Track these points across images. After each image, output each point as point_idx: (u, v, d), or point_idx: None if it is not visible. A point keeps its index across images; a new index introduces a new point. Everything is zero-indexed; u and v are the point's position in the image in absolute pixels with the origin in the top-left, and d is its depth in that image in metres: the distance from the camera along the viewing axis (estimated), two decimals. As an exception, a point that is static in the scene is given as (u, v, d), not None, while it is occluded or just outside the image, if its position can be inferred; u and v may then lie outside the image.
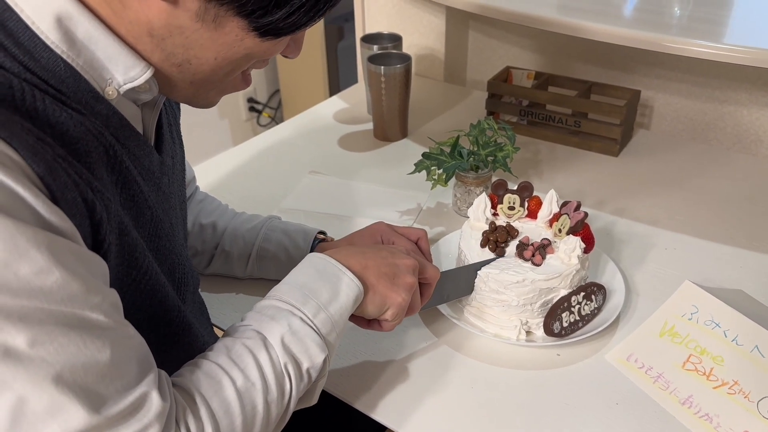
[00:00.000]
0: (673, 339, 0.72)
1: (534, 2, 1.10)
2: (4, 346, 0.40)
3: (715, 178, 1.07)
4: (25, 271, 0.40)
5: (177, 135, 0.68)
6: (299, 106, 2.59)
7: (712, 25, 1.02)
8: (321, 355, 0.57)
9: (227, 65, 0.51)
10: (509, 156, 0.94)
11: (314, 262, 0.62)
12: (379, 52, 1.18)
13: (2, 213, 0.39)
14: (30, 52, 0.45)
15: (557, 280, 0.74)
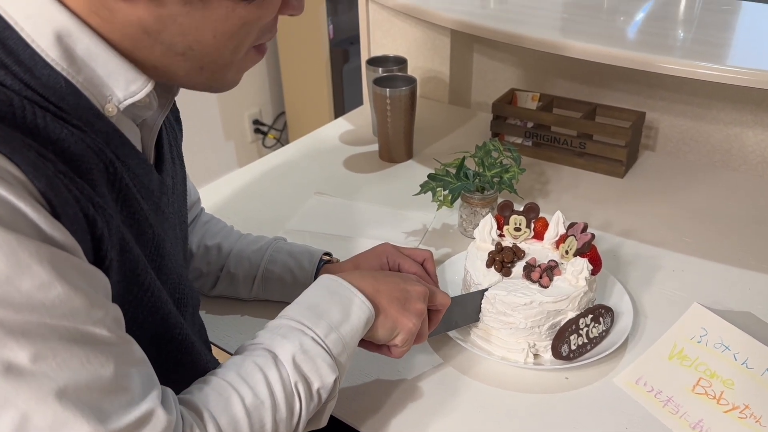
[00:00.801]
0: (683, 362, 0.72)
1: (537, 25, 1.11)
2: (7, 362, 0.39)
3: (721, 200, 1.06)
4: (27, 286, 0.40)
5: (178, 156, 0.68)
6: (304, 127, 2.60)
7: (715, 47, 1.03)
8: (332, 376, 0.57)
9: (229, 41, 0.50)
10: (515, 177, 0.94)
11: (326, 284, 0.63)
12: (384, 74, 1.19)
13: (4, 228, 0.39)
14: (30, 69, 0.45)
15: (565, 303, 0.73)
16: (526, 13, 1.18)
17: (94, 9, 0.46)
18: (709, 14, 1.19)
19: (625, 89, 1.21)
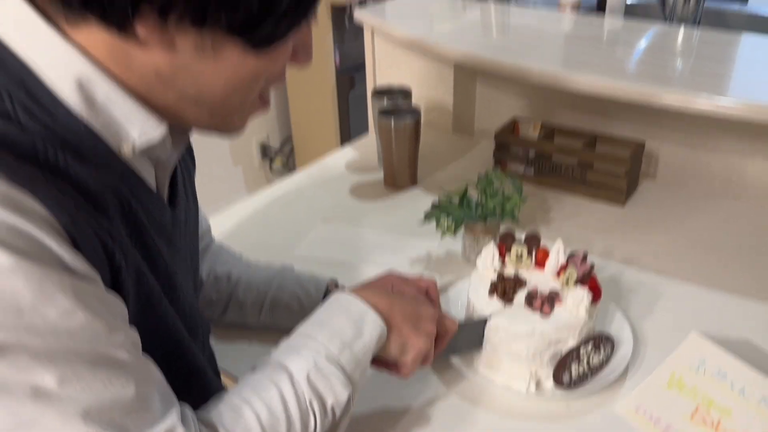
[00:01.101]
0: (681, 390, 0.73)
1: (539, 58, 1.14)
2: (35, 386, 0.42)
3: (721, 228, 1.08)
4: (52, 314, 0.42)
5: (191, 191, 0.71)
6: (311, 152, 2.64)
7: (713, 78, 1.05)
8: (345, 393, 0.59)
9: (239, 89, 0.53)
10: (517, 206, 0.97)
11: (340, 301, 0.65)
12: (389, 105, 1.22)
13: (30, 260, 0.42)
14: (52, 114, 0.48)
15: (566, 331, 0.75)
16: (527, 45, 1.22)
17: (112, 56, 0.49)
18: (707, 46, 1.22)
19: (626, 118, 1.23)
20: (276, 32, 0.50)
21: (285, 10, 0.48)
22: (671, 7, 1.37)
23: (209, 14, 0.46)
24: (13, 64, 0.48)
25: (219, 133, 0.58)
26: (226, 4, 0.45)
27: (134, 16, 0.45)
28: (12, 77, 0.47)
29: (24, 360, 0.42)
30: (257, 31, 0.48)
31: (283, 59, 0.54)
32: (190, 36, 0.47)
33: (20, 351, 0.41)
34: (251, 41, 0.49)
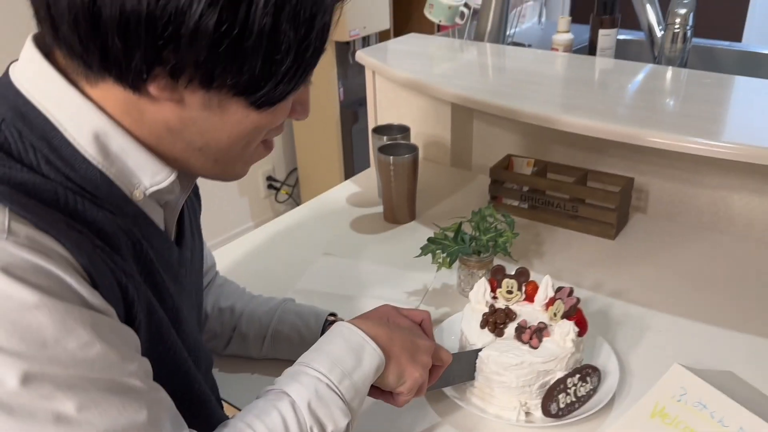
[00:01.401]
0: (664, 420, 0.76)
1: (531, 99, 1.19)
2: (57, 412, 0.46)
3: (708, 261, 1.12)
4: (72, 346, 0.47)
5: (197, 230, 0.76)
6: (316, 183, 2.70)
7: (698, 120, 1.10)
8: (345, 420, 0.62)
9: (241, 140, 0.58)
10: (509, 242, 1.01)
11: (342, 332, 0.69)
12: (388, 142, 1.27)
13: (53, 297, 0.46)
14: (71, 164, 0.53)
15: (553, 363, 0.79)
16: (520, 86, 1.27)
17: (126, 111, 0.54)
18: (693, 86, 1.27)
19: (616, 154, 1.28)
20: (276, 94, 0.54)
21: (284, 75, 0.53)
22: (660, 47, 1.43)
23: (216, 77, 0.51)
24: (37, 119, 0.53)
25: (223, 178, 0.63)
26: (231, 69, 0.51)
27: (148, 77, 0.50)
28: (36, 131, 0.52)
29: (47, 388, 0.46)
30: (259, 93, 0.53)
31: (283, 115, 0.59)
32: (198, 94, 0.53)
33: (44, 380, 0.46)
34: (253, 101, 0.54)
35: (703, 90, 1.24)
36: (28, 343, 0.45)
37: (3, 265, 0.45)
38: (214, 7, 0.46)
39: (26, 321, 0.45)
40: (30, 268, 0.46)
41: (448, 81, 1.28)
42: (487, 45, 1.56)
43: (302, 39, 0.51)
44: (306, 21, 0.51)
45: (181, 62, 0.49)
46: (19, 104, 0.53)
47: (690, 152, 1.01)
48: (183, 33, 0.47)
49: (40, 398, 0.46)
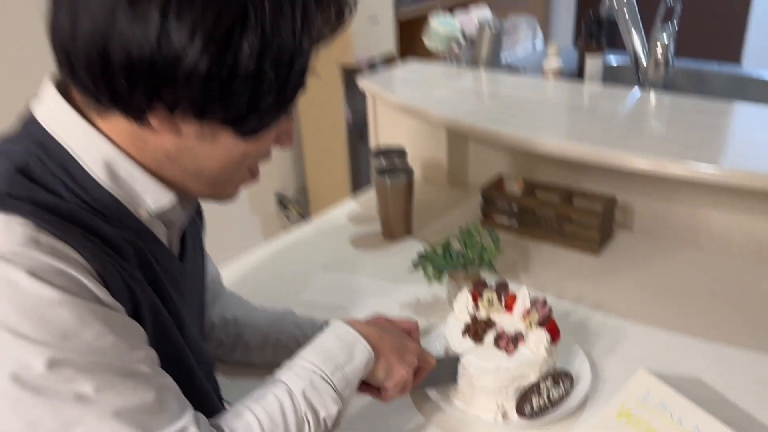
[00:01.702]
0: (628, 420, 0.83)
1: (514, 124, 1.27)
2: (77, 392, 0.55)
3: (685, 275, 1.18)
4: (89, 336, 0.55)
5: (199, 247, 0.84)
6: (325, 201, 2.79)
7: (674, 144, 1.17)
8: (336, 407, 0.70)
9: (230, 166, 0.66)
10: (494, 257, 1.08)
11: (336, 330, 0.77)
12: (386, 165, 1.36)
13: (72, 295, 0.55)
14: (85, 188, 0.62)
15: (527, 368, 0.86)
16: (508, 111, 1.36)
17: (131, 140, 0.63)
18: (673, 112, 1.34)
19: (602, 174, 1.35)
20: (260, 125, 0.63)
21: (267, 109, 0.61)
22: (643, 71, 1.50)
23: (208, 111, 0.60)
24: (56, 149, 0.62)
25: (215, 200, 0.72)
26: (221, 105, 0.59)
27: (149, 111, 0.59)
28: (55, 160, 0.62)
29: (69, 372, 0.54)
30: (244, 124, 0.62)
31: (268, 143, 0.68)
32: (193, 126, 0.61)
33: (66, 365, 0.54)
34: (240, 131, 0.63)
35: (682, 115, 1.32)
36: (52, 334, 0.54)
37: (29, 268, 0.54)
38: (205, 54, 0.55)
39: (50, 315, 0.54)
40: (52, 271, 0.55)
41: (439, 106, 1.37)
42: (482, 71, 1.64)
43: (282, 79, 0.60)
44: (286, 64, 0.59)
45: (177, 99, 0.58)
46: (42, 137, 0.62)
47: (667, 175, 1.08)
48: (179, 75, 0.56)
49: (64, 381, 0.54)
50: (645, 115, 1.35)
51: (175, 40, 0.54)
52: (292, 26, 0.58)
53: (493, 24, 1.60)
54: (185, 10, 0.54)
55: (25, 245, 0.54)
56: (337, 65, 2.56)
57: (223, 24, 0.55)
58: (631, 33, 1.51)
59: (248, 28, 0.56)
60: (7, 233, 0.54)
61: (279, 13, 0.57)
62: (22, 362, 0.53)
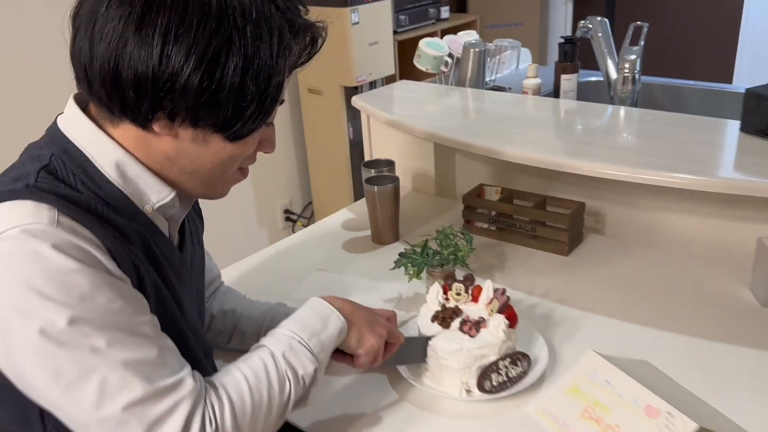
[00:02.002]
0: (576, 394, 0.93)
1: (486, 136, 1.39)
2: (92, 345, 0.66)
3: (645, 273, 1.28)
4: (101, 300, 0.67)
5: (198, 242, 0.97)
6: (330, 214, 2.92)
7: (642, 155, 1.28)
8: (312, 366, 0.81)
9: (221, 166, 0.78)
10: (466, 255, 1.20)
11: (313, 304, 0.88)
12: (374, 174, 1.48)
13: (87, 266, 0.67)
14: (99, 185, 0.75)
15: (487, 349, 0.97)
16: (486, 126, 1.48)
17: (138, 144, 0.76)
18: (638, 124, 1.45)
19: (573, 182, 1.46)
20: (245, 130, 0.76)
21: (250, 117, 0.74)
22: (614, 88, 1.62)
23: (201, 118, 0.72)
24: (76, 153, 0.75)
25: (208, 197, 0.84)
26: (211, 113, 0.72)
27: (153, 118, 0.72)
28: (75, 162, 0.75)
29: (86, 329, 0.66)
30: (231, 130, 0.75)
31: (252, 148, 0.80)
32: (189, 131, 0.74)
33: (83, 323, 0.66)
34: (228, 136, 0.75)
35: (646, 126, 1.43)
36: (72, 296, 0.66)
37: (53, 243, 0.66)
38: (197, 71, 0.68)
39: (70, 281, 0.66)
40: (72, 245, 0.67)
41: (422, 120, 1.49)
42: (468, 90, 1.77)
43: (262, 92, 0.72)
44: (265, 80, 0.72)
45: (175, 108, 0.71)
46: (64, 143, 0.76)
47: (625, 180, 1.19)
48: (177, 88, 0.69)
49: (81, 336, 0.66)
50: (606, 127, 1.46)
51: (173, 60, 0.67)
52: (270, 49, 0.71)
53: (478, 46, 1.73)
54: (182, 36, 0.67)
55: (50, 225, 0.67)
56: (340, 87, 2.71)
57: (213, 47, 0.68)
58: (604, 53, 1.63)
59: (233, 51, 0.69)
60: (37, 216, 0.67)
61: (259, 39, 0.70)
62: (48, 319, 0.65)
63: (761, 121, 1.20)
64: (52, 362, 0.66)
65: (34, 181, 0.70)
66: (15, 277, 0.65)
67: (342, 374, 1.04)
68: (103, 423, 0.67)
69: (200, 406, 0.71)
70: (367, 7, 2.63)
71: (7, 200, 0.69)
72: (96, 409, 0.67)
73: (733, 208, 1.27)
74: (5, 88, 2.12)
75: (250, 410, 0.75)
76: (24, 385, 0.70)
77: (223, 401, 0.74)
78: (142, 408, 0.68)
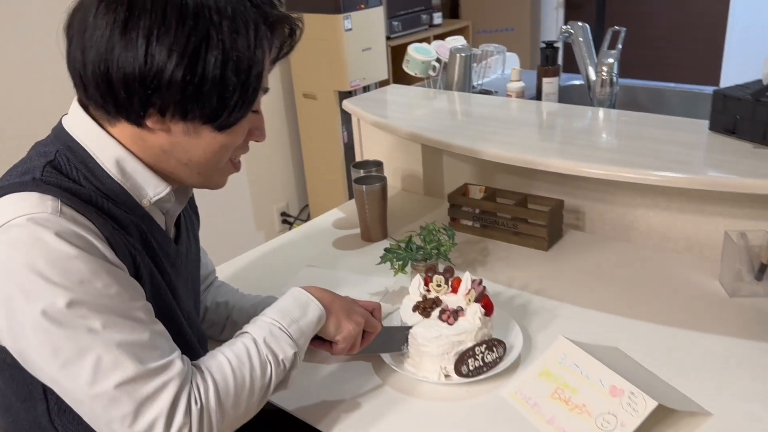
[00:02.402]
0: (547, 377, 0.99)
1: (466, 136, 1.45)
2: (89, 326, 0.72)
3: (620, 267, 1.34)
4: (99, 285, 0.73)
5: (194, 237, 1.02)
6: (325, 217, 2.98)
7: (622, 154, 1.34)
8: (291, 351, 0.86)
9: (214, 156, 0.83)
10: (448, 249, 1.26)
11: (293, 293, 0.94)
12: (363, 174, 1.54)
13: (86, 252, 0.73)
14: (100, 179, 0.81)
15: (464, 336, 1.02)
16: (468, 127, 1.54)
17: (134, 140, 0.82)
18: (616, 125, 1.51)
19: (553, 181, 1.52)
20: (231, 120, 0.81)
21: (234, 106, 0.79)
22: (593, 91, 1.68)
23: (189, 111, 0.78)
24: (78, 149, 0.82)
25: (205, 187, 0.89)
26: (197, 105, 0.77)
27: (144, 116, 0.78)
28: (77, 158, 0.81)
29: (83, 311, 0.72)
30: (219, 120, 0.80)
31: (241, 137, 0.85)
32: (180, 124, 0.80)
33: (81, 305, 0.72)
34: (216, 126, 0.81)
35: (622, 126, 1.49)
36: (71, 280, 0.72)
37: (56, 231, 0.72)
38: (179, 66, 0.74)
39: (70, 266, 0.72)
40: (73, 234, 0.73)
41: (407, 122, 1.56)
42: (455, 93, 1.83)
43: (243, 82, 0.78)
44: (245, 70, 0.77)
45: (164, 103, 0.76)
46: (68, 141, 0.82)
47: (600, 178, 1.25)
48: (162, 84, 0.75)
49: (79, 317, 0.72)
50: (585, 127, 1.52)
51: (157, 58, 0.73)
52: (247, 41, 0.77)
53: (464, 51, 1.79)
54: (163, 36, 0.73)
55: (54, 214, 0.73)
56: (334, 92, 2.78)
57: (191, 44, 0.74)
58: (584, 57, 1.69)
59: (211, 45, 0.75)
60: (41, 206, 0.73)
61: (235, 33, 0.76)
62: (49, 301, 0.71)
63: (728, 121, 1.26)
64: (52, 341, 0.72)
65: (40, 175, 0.77)
66: (20, 260, 0.71)
67: (327, 362, 1.10)
68: (96, 399, 0.73)
69: (186, 386, 0.77)
70: (360, 14, 2.70)
71: (15, 192, 0.75)
72: (90, 385, 0.72)
73: (704, 203, 1.33)
74: (13, 93, 2.20)
75: (233, 391, 0.80)
76: (26, 363, 0.76)
77: (208, 382, 0.79)
78: (132, 386, 0.73)
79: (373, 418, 0.98)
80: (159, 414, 0.73)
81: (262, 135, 0.89)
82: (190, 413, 0.75)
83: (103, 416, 0.73)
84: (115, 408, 0.73)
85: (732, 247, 1.21)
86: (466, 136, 1.44)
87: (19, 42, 2.19)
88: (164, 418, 0.73)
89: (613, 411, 0.90)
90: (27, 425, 0.85)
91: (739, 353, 1.06)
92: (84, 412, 0.75)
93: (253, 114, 0.85)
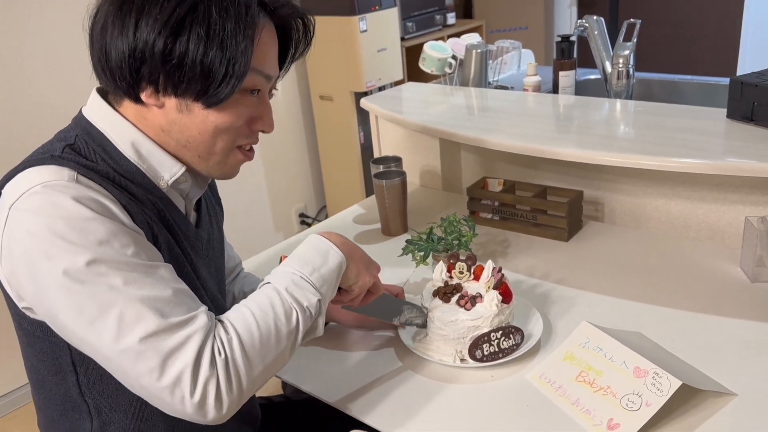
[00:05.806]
0: (572, 361, 1.00)
1: (472, 128, 1.47)
2: (110, 283, 0.73)
3: (640, 256, 1.35)
4: (117, 245, 0.75)
5: (217, 226, 1.04)
6: (343, 218, 3.01)
7: (639, 143, 1.35)
8: (315, 298, 0.84)
9: (210, 138, 0.83)
10: (469, 240, 1.27)
11: (312, 240, 0.91)
12: (382, 170, 1.56)
13: (103, 215, 0.75)
14: (117, 162, 0.83)
15: (480, 321, 1.04)
16: (483, 121, 1.55)
17: (137, 119, 0.85)
18: (634, 115, 1.52)
19: (572, 172, 1.53)
20: (219, 96, 0.81)
21: (221, 81, 0.80)
22: (609, 83, 1.69)
23: (178, 87, 0.80)
24: (97, 134, 0.85)
25: (216, 176, 0.90)
26: (184, 80, 0.79)
27: (139, 89, 0.81)
28: (96, 141, 0.84)
29: (103, 269, 0.74)
30: (207, 96, 0.81)
31: (235, 116, 0.83)
32: (173, 101, 0.82)
33: (101, 264, 0.74)
34: (205, 102, 0.82)
35: (639, 116, 1.50)
36: (90, 240, 0.74)
37: (74, 196, 0.75)
38: (161, 36, 0.76)
39: (88, 227, 0.74)
40: (90, 199, 0.76)
41: (423, 117, 1.58)
42: (471, 89, 1.85)
43: (230, 57, 0.79)
44: (231, 46, 0.78)
45: (153, 76, 0.79)
46: (87, 126, 0.85)
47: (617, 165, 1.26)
48: (147, 58, 0.78)
49: (99, 275, 0.74)
50: (602, 118, 1.53)
51: (143, 30, 0.77)
52: (236, 17, 0.78)
53: (480, 47, 1.81)
54: (151, 8, 0.77)
55: (70, 181, 0.76)
56: (350, 93, 2.80)
57: (177, 14, 0.77)
58: (600, 50, 1.70)
59: (197, 18, 0.77)
60: (59, 174, 0.77)
61: (224, 9, 0.78)
62: (69, 260, 0.73)
63: (745, 108, 1.26)
64: (76, 300, 0.73)
65: (59, 153, 0.80)
66: (40, 225, 0.74)
67: (353, 350, 1.12)
68: (122, 354, 0.74)
69: (210, 339, 0.77)
70: (375, 15, 2.73)
71: (33, 166, 0.78)
72: (116, 341, 0.73)
73: (724, 191, 1.34)
74: (37, 87, 2.25)
75: (258, 340, 0.80)
76: (55, 325, 0.78)
77: (231, 333, 0.79)
78: (156, 340, 0.73)
79: (393, 398, 1.00)
80: (185, 367, 0.74)
81: (267, 125, 0.89)
82: (216, 365, 0.76)
83: (131, 371, 0.74)
84: (142, 362, 0.73)
85: (752, 232, 1.21)
86: (483, 128, 1.45)
87: (45, 38, 2.25)
88: (190, 371, 0.74)
89: (637, 391, 0.91)
90: (59, 399, 0.87)
91: (762, 337, 1.07)
92: (114, 369, 0.76)
93: (252, 99, 0.85)
